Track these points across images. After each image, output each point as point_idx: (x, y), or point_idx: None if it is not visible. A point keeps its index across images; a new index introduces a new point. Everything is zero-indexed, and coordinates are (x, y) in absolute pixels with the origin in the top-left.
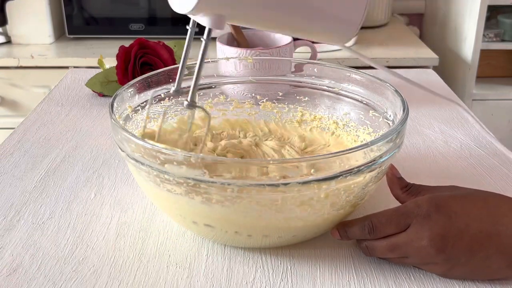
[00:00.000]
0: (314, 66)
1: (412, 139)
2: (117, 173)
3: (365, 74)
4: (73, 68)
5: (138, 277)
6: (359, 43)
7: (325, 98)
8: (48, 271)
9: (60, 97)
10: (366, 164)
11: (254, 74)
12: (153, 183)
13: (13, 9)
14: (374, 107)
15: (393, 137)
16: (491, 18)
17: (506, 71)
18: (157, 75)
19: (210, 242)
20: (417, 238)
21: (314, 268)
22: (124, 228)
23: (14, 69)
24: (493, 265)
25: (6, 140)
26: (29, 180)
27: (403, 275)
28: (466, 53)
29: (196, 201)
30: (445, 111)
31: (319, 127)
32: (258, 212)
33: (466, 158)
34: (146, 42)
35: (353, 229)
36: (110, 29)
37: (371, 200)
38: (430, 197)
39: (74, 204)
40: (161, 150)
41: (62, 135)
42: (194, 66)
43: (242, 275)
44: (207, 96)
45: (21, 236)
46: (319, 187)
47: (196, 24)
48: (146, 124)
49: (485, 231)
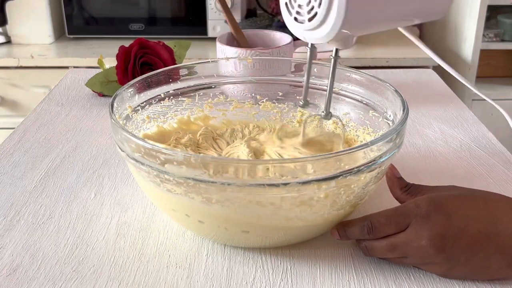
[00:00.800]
0: (314, 66)
1: (412, 139)
2: (117, 173)
3: (365, 74)
4: (73, 68)
5: (138, 277)
6: (359, 43)
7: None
8: (48, 271)
9: (60, 97)
10: (366, 164)
11: (254, 74)
12: (153, 183)
13: (13, 9)
14: (374, 107)
15: (393, 137)
16: (491, 18)
17: (506, 71)
18: (157, 75)
19: (210, 242)
20: (416, 238)
21: (314, 268)
22: (124, 228)
23: (14, 69)
24: (493, 265)
25: (6, 140)
26: (29, 180)
27: (403, 275)
28: (466, 53)
29: (196, 201)
30: (445, 111)
31: (319, 127)
32: (258, 212)
33: (466, 158)
34: (146, 42)
35: (352, 229)
36: (110, 29)
37: (371, 200)
38: (429, 197)
39: (74, 204)
40: (161, 150)
41: (62, 135)
42: (194, 66)
43: (242, 275)
44: (207, 96)
45: (21, 236)
46: (319, 187)
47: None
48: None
49: (484, 231)
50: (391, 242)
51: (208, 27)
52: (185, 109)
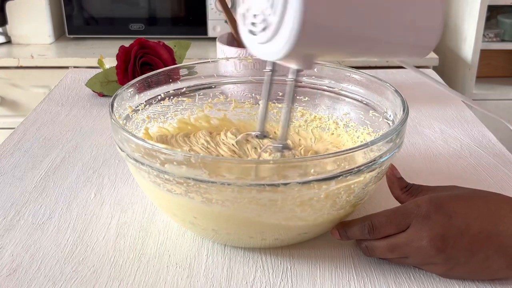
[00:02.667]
0: (314, 66)
1: (412, 139)
2: (117, 173)
3: (365, 74)
4: (73, 68)
5: (138, 277)
6: None
7: (325, 98)
8: (48, 271)
9: (60, 97)
10: (366, 164)
11: (254, 74)
12: (153, 183)
13: (13, 9)
14: (374, 107)
15: (393, 137)
16: (491, 18)
17: (506, 71)
18: (157, 75)
19: (210, 242)
20: (417, 238)
21: (314, 268)
22: (124, 228)
23: (14, 69)
24: (493, 266)
25: (6, 140)
26: (29, 180)
27: (403, 275)
28: (466, 53)
29: (196, 201)
30: (445, 111)
31: (319, 127)
32: (258, 212)
33: (466, 158)
34: (146, 42)
35: (353, 229)
36: (110, 29)
37: (371, 200)
38: (430, 197)
39: (74, 204)
40: (161, 150)
41: (62, 135)
42: (194, 66)
43: (242, 275)
44: (207, 96)
45: (21, 236)
46: (319, 187)
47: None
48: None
49: (485, 231)
50: (392, 243)
51: (208, 27)
52: (185, 109)
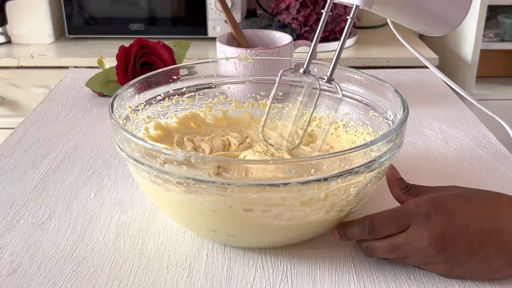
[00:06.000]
0: (314, 66)
1: (412, 139)
2: (117, 173)
3: (365, 74)
4: (73, 68)
5: (138, 277)
6: (359, 43)
7: (325, 98)
8: (48, 271)
9: (60, 97)
10: (366, 164)
11: (254, 74)
12: (153, 183)
13: (13, 9)
14: (374, 107)
15: (393, 137)
16: (491, 18)
17: (506, 71)
18: (157, 75)
19: (210, 242)
20: (417, 238)
21: (314, 268)
22: (124, 228)
23: (14, 69)
24: (494, 264)
25: (6, 140)
26: (29, 180)
27: (403, 275)
28: (466, 53)
29: (196, 201)
30: (445, 111)
31: (319, 127)
32: (258, 212)
33: (466, 158)
34: (146, 42)
35: (353, 230)
36: (110, 29)
37: (371, 200)
38: (429, 197)
39: (74, 204)
40: (161, 150)
41: (62, 135)
42: (194, 66)
43: (242, 275)
44: (207, 96)
45: (21, 236)
46: (319, 187)
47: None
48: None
49: (485, 230)
50: (392, 243)
51: (208, 27)
52: (185, 109)
